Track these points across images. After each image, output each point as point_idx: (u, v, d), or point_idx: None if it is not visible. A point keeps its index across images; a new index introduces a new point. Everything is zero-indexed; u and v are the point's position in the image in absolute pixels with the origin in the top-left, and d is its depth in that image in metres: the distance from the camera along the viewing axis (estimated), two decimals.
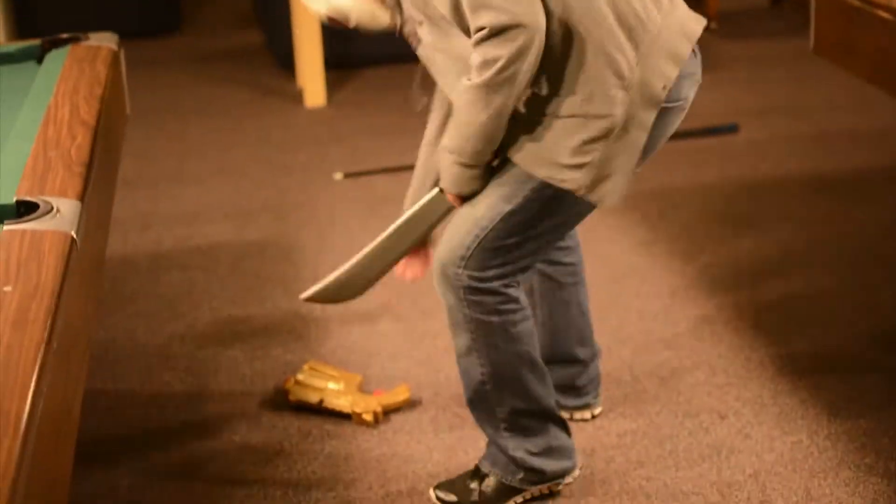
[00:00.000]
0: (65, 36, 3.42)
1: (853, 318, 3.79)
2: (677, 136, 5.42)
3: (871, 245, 4.34)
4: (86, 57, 3.21)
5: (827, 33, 3.92)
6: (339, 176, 5.23)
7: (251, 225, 4.79)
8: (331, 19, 2.75)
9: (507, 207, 2.64)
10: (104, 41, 3.39)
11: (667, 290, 4.04)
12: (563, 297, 3.14)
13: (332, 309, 3.93)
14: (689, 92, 2.71)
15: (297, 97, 6.38)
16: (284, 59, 6.73)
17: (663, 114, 2.63)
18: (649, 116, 2.59)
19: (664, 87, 2.59)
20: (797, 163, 5.19)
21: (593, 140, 2.55)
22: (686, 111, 2.75)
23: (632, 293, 4.04)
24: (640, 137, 2.60)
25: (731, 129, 5.58)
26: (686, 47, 2.65)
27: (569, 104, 2.55)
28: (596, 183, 2.59)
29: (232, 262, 4.45)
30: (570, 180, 2.58)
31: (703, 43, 2.75)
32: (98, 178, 2.46)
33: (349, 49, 6.68)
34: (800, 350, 3.60)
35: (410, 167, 2.98)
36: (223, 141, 5.87)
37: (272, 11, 6.82)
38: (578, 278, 3.15)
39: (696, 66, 2.73)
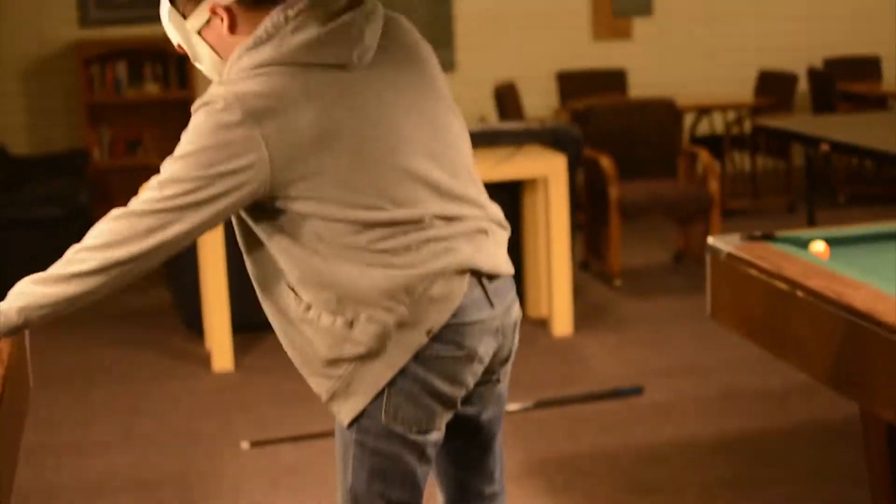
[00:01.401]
0: None
1: None
2: (581, 399, 5.52)
3: None
4: None
5: (723, 299, 4.00)
6: (245, 445, 5.19)
7: (155, 498, 4.71)
8: (180, 48, 2.79)
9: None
10: None
11: None
12: None
13: None
14: (477, 342, 2.68)
15: (205, 361, 6.37)
16: (192, 321, 6.74)
17: (437, 361, 2.64)
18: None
19: (428, 332, 2.61)
20: (702, 425, 5.24)
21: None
22: (484, 364, 2.71)
23: None
24: (386, 372, 2.62)
25: (636, 391, 5.64)
26: (460, 288, 2.64)
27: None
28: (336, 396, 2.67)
29: None
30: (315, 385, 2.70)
31: (608, 302, 2.79)
32: None
33: (258, 312, 6.69)
34: None
35: (318, 435, 2.98)
36: (129, 406, 5.82)
37: (180, 272, 6.87)
38: None
39: (489, 313, 2.69)
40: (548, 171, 6.47)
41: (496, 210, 2.80)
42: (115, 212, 2.57)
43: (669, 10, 10.98)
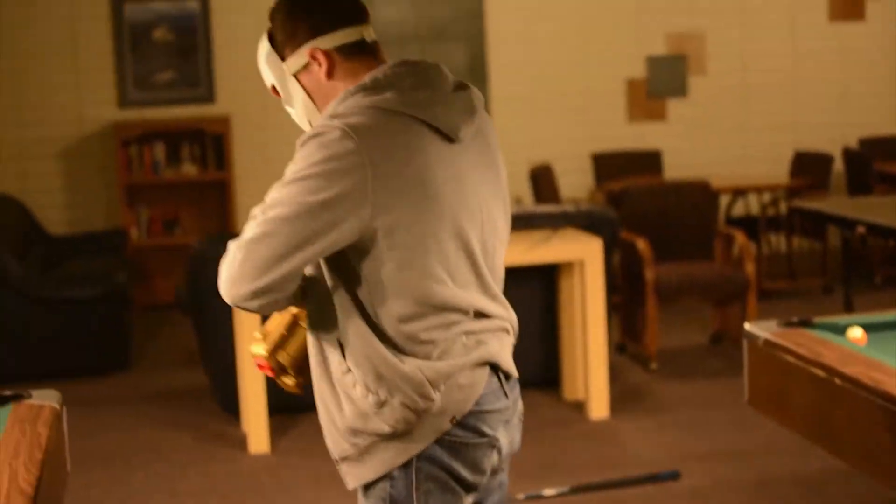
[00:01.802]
0: (7, 393, 3.44)
1: None
2: (618, 484, 5.48)
3: None
4: (27, 417, 3.23)
5: (760, 386, 3.99)
6: None
7: None
8: (274, 89, 2.88)
9: None
10: (47, 399, 3.41)
11: None
12: None
13: None
14: (496, 430, 2.74)
15: (242, 443, 6.37)
16: (228, 403, 6.75)
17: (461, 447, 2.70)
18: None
19: (453, 419, 2.68)
20: None
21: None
22: (501, 452, 2.77)
23: None
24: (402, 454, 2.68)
25: (673, 476, 5.61)
26: (482, 377, 2.71)
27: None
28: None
29: None
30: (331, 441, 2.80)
31: (645, 385, 2.82)
32: None
33: (294, 394, 6.71)
34: None
35: None
36: (167, 488, 5.82)
37: (217, 354, 6.89)
38: None
39: (505, 402, 2.78)
40: (584, 254, 6.48)
41: (514, 315, 2.88)
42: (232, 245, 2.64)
43: (704, 92, 11.02)
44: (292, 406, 6.76)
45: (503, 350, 2.78)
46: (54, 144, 10.08)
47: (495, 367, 2.75)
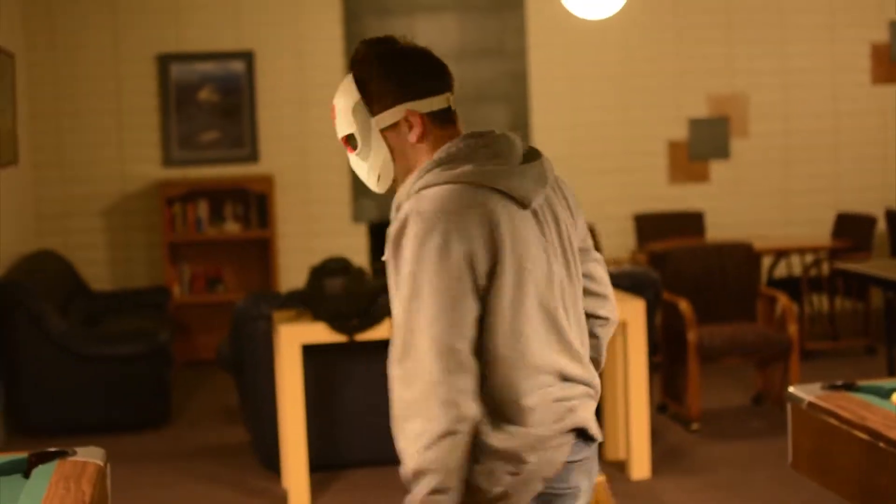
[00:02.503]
0: (52, 450, 3.45)
1: None
2: None
3: None
4: (72, 475, 3.24)
5: (804, 449, 3.97)
6: None
7: None
8: (345, 139, 2.90)
9: None
10: (91, 456, 3.42)
11: None
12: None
13: None
14: (579, 479, 2.85)
15: (282, 499, 6.37)
16: (269, 459, 6.76)
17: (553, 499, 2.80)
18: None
19: (545, 479, 2.77)
20: None
21: None
22: (583, 500, 2.87)
23: None
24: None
25: None
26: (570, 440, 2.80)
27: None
28: None
29: None
30: None
31: (686, 445, 2.84)
32: None
33: (335, 450, 6.73)
34: None
35: None
36: None
37: (258, 410, 6.91)
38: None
39: (587, 452, 2.87)
40: (626, 315, 6.47)
41: (597, 377, 2.94)
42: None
43: (746, 153, 11.02)
44: (333, 463, 6.77)
45: (589, 415, 2.87)
46: (99, 201, 10.18)
47: (583, 433, 2.85)
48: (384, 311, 6.27)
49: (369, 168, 2.89)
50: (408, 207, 2.69)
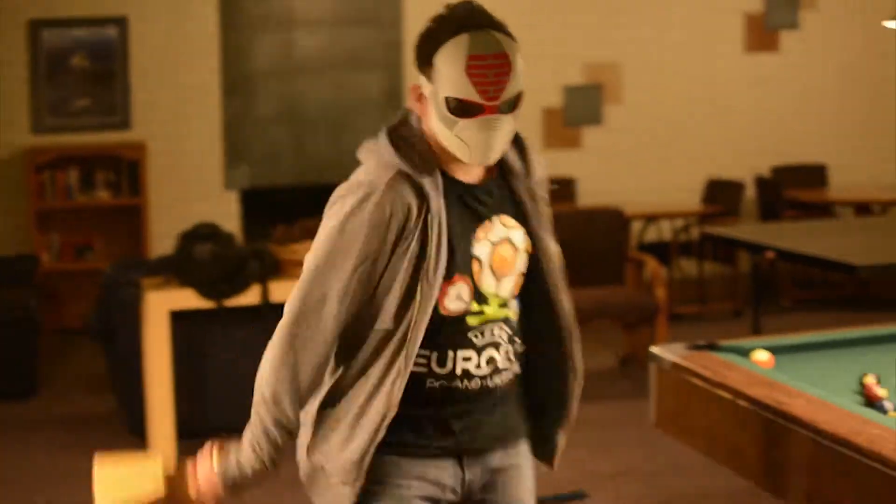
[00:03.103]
0: None
1: None
2: None
3: None
4: None
5: (667, 408, 4.03)
6: None
7: None
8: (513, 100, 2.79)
9: None
10: None
11: None
12: None
13: None
14: None
15: None
16: (138, 427, 6.69)
17: None
18: None
19: None
20: None
21: None
22: None
23: None
24: None
25: (580, 496, 5.62)
26: None
27: None
28: None
29: None
30: None
31: None
32: None
33: (203, 416, 6.68)
34: None
35: None
36: None
37: (126, 378, 6.83)
38: None
39: None
40: None
41: None
42: None
43: (619, 120, 11.12)
44: (202, 429, 6.71)
45: None
46: None
47: None
48: (253, 276, 6.24)
49: (510, 133, 2.82)
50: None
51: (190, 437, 6.53)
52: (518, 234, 2.85)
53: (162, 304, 6.17)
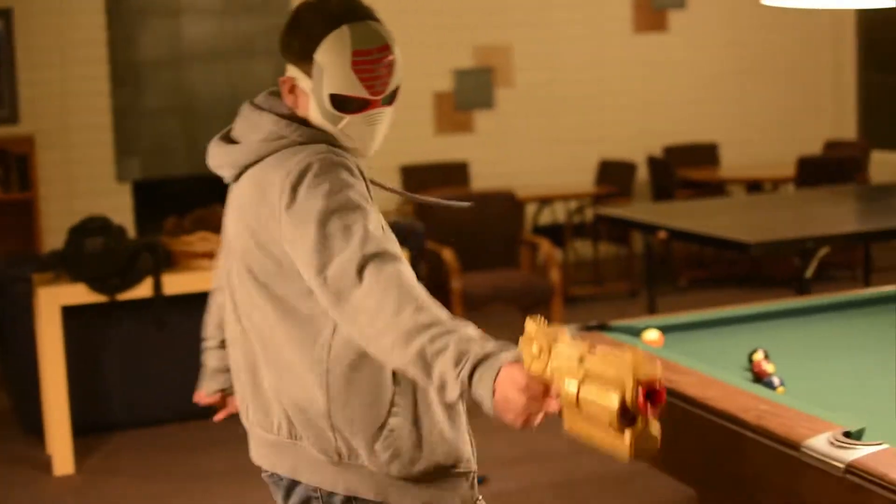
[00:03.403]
0: None
1: None
2: None
3: None
4: None
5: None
6: None
7: None
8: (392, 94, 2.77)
9: None
10: None
11: None
12: None
13: None
14: None
15: (46, 465, 6.24)
16: (33, 425, 6.61)
17: None
18: None
19: None
20: None
21: None
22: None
23: None
24: None
25: (479, 481, 5.65)
26: None
27: None
28: None
29: None
30: None
31: None
32: None
33: (99, 412, 6.62)
34: None
35: None
36: None
37: (20, 375, 6.74)
38: None
39: None
40: None
41: None
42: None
43: (510, 103, 11.16)
44: (98, 426, 6.66)
45: None
46: None
47: None
48: (145, 269, 6.19)
49: (389, 124, 2.79)
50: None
51: (85, 434, 6.48)
52: None
53: (53, 300, 6.09)
